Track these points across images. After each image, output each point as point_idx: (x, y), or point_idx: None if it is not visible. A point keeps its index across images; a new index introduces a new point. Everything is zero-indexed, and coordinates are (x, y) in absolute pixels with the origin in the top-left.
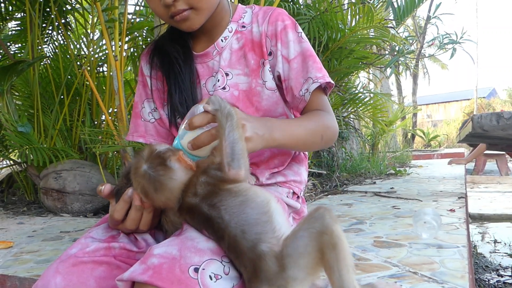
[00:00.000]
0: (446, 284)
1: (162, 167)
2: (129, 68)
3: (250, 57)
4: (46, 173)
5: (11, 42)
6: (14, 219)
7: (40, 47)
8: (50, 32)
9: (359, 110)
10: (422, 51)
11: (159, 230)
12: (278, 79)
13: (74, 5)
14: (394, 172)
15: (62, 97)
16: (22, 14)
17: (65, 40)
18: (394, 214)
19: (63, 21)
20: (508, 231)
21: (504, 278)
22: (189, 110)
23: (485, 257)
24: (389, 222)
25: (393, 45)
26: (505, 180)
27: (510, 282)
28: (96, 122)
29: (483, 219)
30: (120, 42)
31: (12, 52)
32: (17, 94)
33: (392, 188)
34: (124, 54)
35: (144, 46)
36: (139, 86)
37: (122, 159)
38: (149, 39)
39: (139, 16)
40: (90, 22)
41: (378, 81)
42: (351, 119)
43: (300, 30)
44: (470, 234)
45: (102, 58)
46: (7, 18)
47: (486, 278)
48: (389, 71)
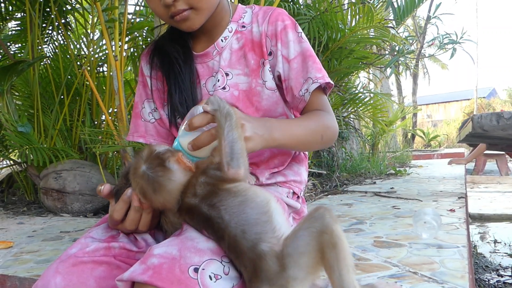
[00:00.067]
0: (446, 284)
1: (161, 168)
2: (129, 68)
3: (250, 57)
4: (46, 173)
5: (11, 42)
6: (14, 219)
7: (40, 47)
8: (50, 32)
9: (359, 110)
10: (422, 51)
11: (159, 230)
12: (279, 79)
13: (74, 5)
14: (394, 172)
15: (62, 97)
16: (22, 14)
17: (65, 40)
18: (394, 214)
19: (63, 21)
20: (508, 231)
21: (504, 278)
22: (189, 110)
23: (485, 257)
24: (389, 222)
25: (393, 45)
26: (505, 180)
27: (510, 282)
28: (96, 122)
29: (483, 219)
30: (120, 42)
31: (12, 52)
32: (17, 94)
33: (392, 188)
34: (124, 54)
35: (144, 46)
36: (139, 86)
37: (122, 159)
38: (149, 39)
39: (139, 16)
40: (90, 22)
41: (378, 81)
42: (351, 119)
43: (300, 30)
44: (470, 234)
45: (102, 58)
46: (7, 18)
47: (486, 278)
48: (389, 71)
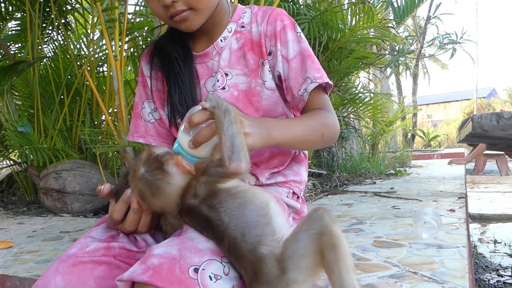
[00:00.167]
0: (446, 284)
1: (159, 171)
2: (129, 68)
3: (250, 57)
4: (46, 173)
5: (11, 42)
6: (14, 219)
7: (40, 47)
8: (50, 32)
9: (359, 110)
10: (422, 51)
11: (159, 230)
12: (279, 79)
13: (74, 5)
14: (394, 172)
15: (62, 97)
16: (22, 14)
17: (65, 40)
18: (394, 214)
19: (63, 21)
20: (508, 231)
21: (504, 278)
22: (188, 110)
23: (485, 257)
24: (389, 222)
25: (393, 45)
26: (505, 180)
27: (510, 282)
28: (96, 122)
29: (483, 219)
30: (120, 42)
31: (12, 52)
32: (17, 94)
33: (392, 188)
34: (124, 54)
35: (144, 46)
36: (139, 87)
37: (122, 159)
38: (149, 39)
39: (139, 16)
40: (90, 22)
41: (378, 81)
42: (351, 119)
43: (299, 30)
44: (470, 234)
45: (102, 58)
46: (7, 18)
47: (486, 278)
48: (389, 71)
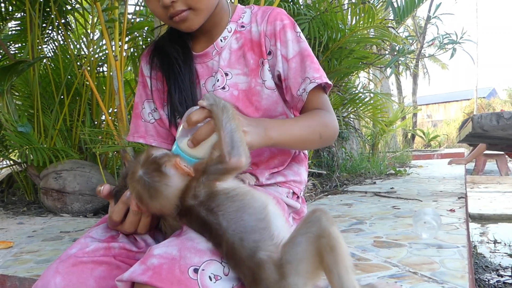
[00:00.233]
0: (446, 284)
1: (157, 173)
2: (129, 68)
3: (249, 56)
4: (46, 173)
5: (11, 42)
6: (14, 219)
7: (40, 47)
8: (50, 32)
9: (359, 110)
10: (422, 51)
11: (159, 231)
12: (278, 79)
13: (74, 5)
14: (394, 172)
15: (62, 97)
16: (22, 14)
17: (65, 40)
18: (394, 214)
19: (63, 21)
20: (508, 231)
21: (504, 278)
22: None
23: (485, 257)
24: (389, 222)
25: (393, 45)
26: (505, 180)
27: (510, 282)
28: (96, 122)
29: (483, 219)
30: (120, 42)
31: (12, 52)
32: (17, 94)
33: (392, 188)
34: (124, 54)
35: (144, 46)
36: (139, 87)
37: (122, 159)
38: (149, 39)
39: (139, 16)
40: (90, 22)
41: (378, 81)
42: (351, 119)
43: (298, 30)
44: (470, 234)
45: (102, 58)
46: (7, 18)
47: (486, 278)
48: (389, 71)
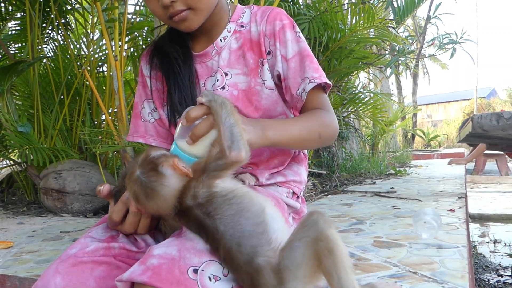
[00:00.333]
0: (446, 284)
1: (154, 173)
2: (129, 68)
3: (249, 56)
4: (46, 173)
5: (11, 42)
6: (14, 219)
7: (40, 47)
8: (50, 32)
9: (359, 110)
10: (422, 51)
11: (159, 230)
12: (278, 78)
13: (74, 5)
14: (394, 172)
15: (62, 97)
16: (22, 14)
17: (65, 40)
18: (394, 214)
19: (63, 21)
20: (508, 231)
21: (504, 278)
22: None
23: (485, 257)
24: (389, 222)
25: (393, 45)
26: (505, 180)
27: (510, 282)
28: (96, 122)
29: (483, 219)
30: (120, 42)
31: (12, 52)
32: (17, 94)
33: (392, 188)
34: (124, 54)
35: (144, 46)
36: (139, 87)
37: (122, 159)
38: (149, 39)
39: (139, 16)
40: (90, 22)
41: (378, 81)
42: (351, 119)
43: (298, 29)
44: (470, 234)
45: (102, 58)
46: (7, 18)
47: (486, 278)
48: (389, 71)
